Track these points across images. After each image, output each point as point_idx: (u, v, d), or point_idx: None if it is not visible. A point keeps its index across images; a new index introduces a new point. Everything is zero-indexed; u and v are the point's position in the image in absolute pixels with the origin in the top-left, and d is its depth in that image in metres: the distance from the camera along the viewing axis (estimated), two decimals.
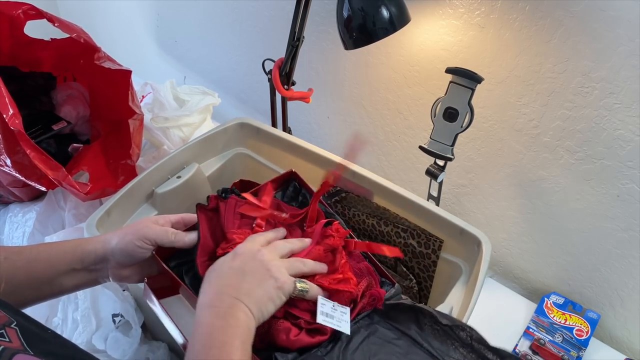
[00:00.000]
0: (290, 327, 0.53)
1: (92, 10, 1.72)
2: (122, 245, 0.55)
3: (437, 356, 0.53)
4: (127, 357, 0.71)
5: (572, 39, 0.71)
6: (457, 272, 0.71)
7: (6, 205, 1.02)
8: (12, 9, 0.88)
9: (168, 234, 0.57)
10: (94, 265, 0.56)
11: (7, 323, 0.36)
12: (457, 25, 0.82)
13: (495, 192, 0.93)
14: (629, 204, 0.77)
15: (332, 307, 0.55)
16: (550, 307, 0.89)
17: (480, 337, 0.52)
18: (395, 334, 0.56)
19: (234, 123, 0.90)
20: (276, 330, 0.53)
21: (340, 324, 0.54)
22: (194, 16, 1.35)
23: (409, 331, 0.56)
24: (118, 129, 1.00)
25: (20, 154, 0.81)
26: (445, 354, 0.53)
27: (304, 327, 0.54)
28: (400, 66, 0.94)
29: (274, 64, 0.90)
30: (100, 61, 0.91)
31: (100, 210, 0.73)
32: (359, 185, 0.79)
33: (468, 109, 0.72)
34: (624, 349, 0.88)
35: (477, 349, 0.52)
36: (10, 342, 0.34)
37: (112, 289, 0.75)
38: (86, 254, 0.55)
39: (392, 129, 1.03)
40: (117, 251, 0.55)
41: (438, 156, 0.77)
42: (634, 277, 0.81)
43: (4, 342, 0.34)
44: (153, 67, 1.63)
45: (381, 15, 0.71)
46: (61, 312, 0.76)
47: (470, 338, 0.52)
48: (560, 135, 0.79)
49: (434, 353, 0.53)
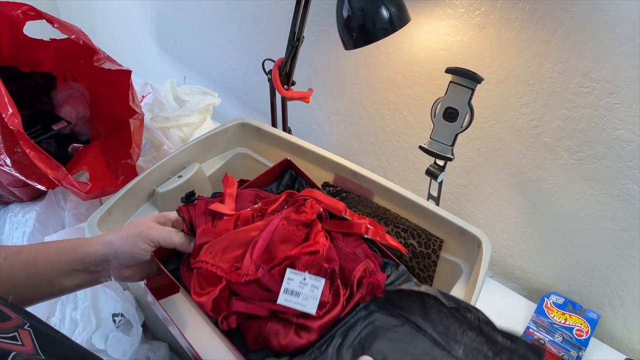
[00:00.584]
0: (278, 329, 0.52)
1: (92, 10, 1.72)
2: (126, 248, 0.55)
3: (442, 342, 0.50)
4: (127, 356, 0.71)
5: (572, 39, 0.71)
6: (458, 272, 0.71)
7: (6, 205, 1.02)
8: (12, 9, 0.88)
9: (172, 236, 0.57)
10: (94, 266, 0.56)
11: (21, 325, 0.36)
12: (457, 25, 0.82)
13: (495, 192, 0.93)
14: (629, 204, 0.77)
15: (302, 281, 0.51)
16: (550, 307, 0.89)
17: (488, 319, 0.49)
18: (398, 321, 0.54)
19: (235, 123, 0.90)
20: (267, 334, 0.52)
21: (306, 302, 0.50)
22: (194, 16, 1.35)
23: (412, 317, 0.53)
24: (118, 129, 1.00)
25: (20, 153, 0.81)
26: (452, 339, 0.50)
27: (295, 321, 0.52)
28: (400, 66, 0.94)
29: (274, 64, 0.90)
30: (99, 63, 0.91)
31: (101, 209, 0.73)
32: (359, 185, 0.79)
33: (468, 109, 0.72)
34: (624, 349, 0.88)
35: (486, 331, 0.49)
36: (23, 346, 0.34)
37: (112, 288, 0.75)
38: (87, 255, 0.55)
39: (392, 129, 1.03)
40: (120, 253, 0.55)
41: (438, 156, 0.77)
42: (633, 277, 0.81)
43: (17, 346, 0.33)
44: (153, 67, 1.63)
45: (381, 15, 0.71)
46: (59, 312, 0.76)
47: (478, 320, 0.49)
48: (560, 135, 0.79)
49: (438, 340, 0.50)
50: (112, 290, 0.75)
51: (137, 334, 0.72)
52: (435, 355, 0.50)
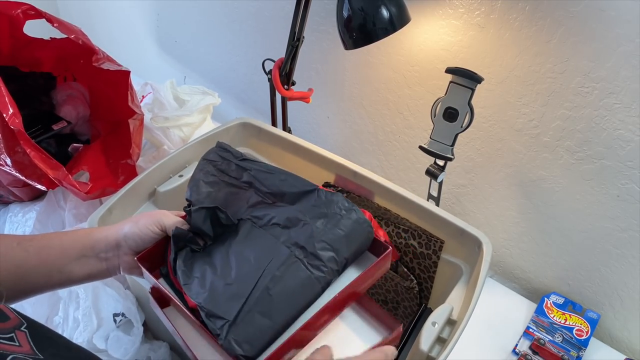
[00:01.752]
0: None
1: (92, 10, 1.71)
2: (136, 229, 0.56)
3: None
4: (128, 356, 0.71)
5: (572, 39, 0.71)
6: (458, 273, 0.71)
7: (6, 205, 1.02)
8: (11, 8, 0.88)
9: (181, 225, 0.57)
10: (104, 252, 0.56)
11: (18, 325, 0.36)
12: (457, 25, 0.82)
13: (495, 192, 0.93)
14: (629, 204, 0.77)
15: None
16: (550, 307, 0.89)
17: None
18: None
19: (236, 123, 0.90)
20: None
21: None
22: (194, 16, 1.35)
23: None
24: (118, 129, 1.00)
25: (20, 153, 0.81)
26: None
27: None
28: (400, 66, 0.94)
29: (274, 64, 0.90)
30: (98, 63, 0.91)
31: (102, 207, 0.73)
32: (360, 185, 0.79)
33: (468, 109, 0.72)
34: (624, 349, 0.88)
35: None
36: (20, 347, 0.34)
37: (113, 287, 0.75)
38: (97, 241, 0.55)
39: (392, 129, 1.03)
40: (129, 235, 0.56)
41: (438, 156, 0.77)
42: (633, 277, 0.82)
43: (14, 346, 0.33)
44: (153, 67, 1.63)
45: (381, 15, 0.71)
46: (62, 311, 0.76)
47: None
48: (560, 135, 0.79)
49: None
50: (113, 289, 0.75)
51: (138, 333, 0.72)
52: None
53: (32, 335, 0.36)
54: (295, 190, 0.61)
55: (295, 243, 0.55)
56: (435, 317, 0.60)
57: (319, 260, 0.54)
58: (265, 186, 0.63)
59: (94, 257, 0.56)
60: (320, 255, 0.54)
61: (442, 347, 0.58)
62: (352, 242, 0.56)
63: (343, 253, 0.55)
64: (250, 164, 0.65)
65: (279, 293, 0.51)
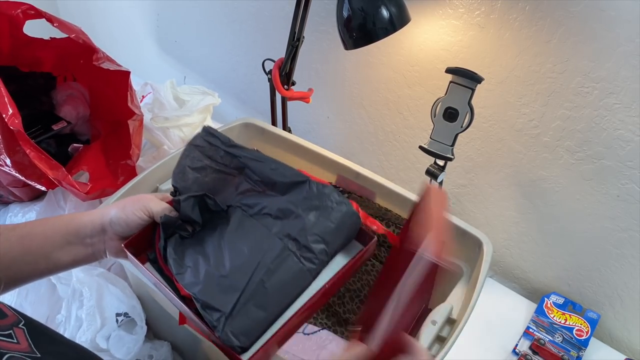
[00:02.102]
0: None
1: (92, 10, 1.71)
2: (122, 214, 0.54)
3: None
4: (131, 354, 0.70)
5: (572, 39, 0.71)
6: (458, 273, 0.71)
7: (6, 205, 1.02)
8: (11, 8, 0.88)
9: (167, 213, 0.56)
10: (90, 237, 0.55)
11: (16, 323, 0.36)
12: (457, 25, 0.82)
13: (495, 192, 0.93)
14: (629, 204, 0.77)
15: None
16: (550, 307, 0.89)
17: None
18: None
19: (239, 123, 0.90)
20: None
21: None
22: (194, 16, 1.35)
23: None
24: (118, 129, 1.00)
25: (20, 153, 0.81)
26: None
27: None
28: (400, 66, 0.94)
29: (274, 64, 0.90)
30: (99, 62, 0.91)
31: (102, 206, 0.73)
32: (361, 186, 0.79)
33: (468, 109, 0.72)
34: (624, 349, 0.88)
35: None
36: (19, 344, 0.34)
37: (118, 286, 0.75)
38: (82, 226, 0.54)
39: (392, 129, 1.03)
40: (115, 220, 0.54)
41: (438, 156, 0.77)
42: (633, 277, 0.82)
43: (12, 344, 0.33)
44: (153, 67, 1.63)
45: (381, 15, 0.71)
46: (65, 310, 0.76)
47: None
48: (560, 135, 0.79)
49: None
50: (118, 288, 0.75)
51: (141, 332, 0.72)
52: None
53: (30, 332, 0.36)
54: (286, 180, 0.61)
55: (287, 235, 0.56)
56: (435, 316, 0.61)
57: (311, 253, 0.54)
58: (256, 174, 0.63)
59: (80, 244, 0.55)
60: (312, 248, 0.55)
61: (442, 345, 0.58)
62: (342, 233, 0.57)
63: (333, 245, 0.56)
64: (239, 151, 0.65)
65: (273, 285, 0.52)
